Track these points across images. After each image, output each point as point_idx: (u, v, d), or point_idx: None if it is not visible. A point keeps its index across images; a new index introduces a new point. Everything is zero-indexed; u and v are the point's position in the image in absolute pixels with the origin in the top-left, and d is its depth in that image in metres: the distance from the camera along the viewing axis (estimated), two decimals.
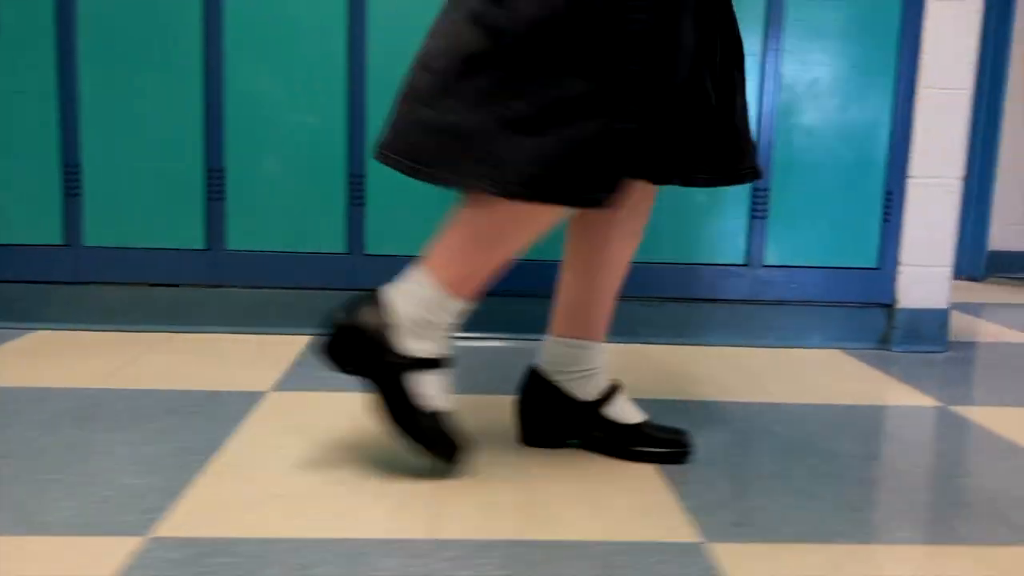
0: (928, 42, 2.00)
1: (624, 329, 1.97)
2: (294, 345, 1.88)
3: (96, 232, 1.95)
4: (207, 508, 1.06)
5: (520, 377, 1.33)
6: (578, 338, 1.28)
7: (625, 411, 1.30)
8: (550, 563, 0.95)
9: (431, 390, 1.16)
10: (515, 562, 0.95)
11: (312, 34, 1.93)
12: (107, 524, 1.00)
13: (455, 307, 1.16)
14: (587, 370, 1.28)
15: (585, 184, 1.06)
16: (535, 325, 1.49)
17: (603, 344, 1.30)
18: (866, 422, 1.51)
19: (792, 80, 2.01)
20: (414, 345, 1.15)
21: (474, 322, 1.57)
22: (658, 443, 1.28)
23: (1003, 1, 3.23)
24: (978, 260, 3.34)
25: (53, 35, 1.90)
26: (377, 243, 1.99)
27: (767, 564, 0.96)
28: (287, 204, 1.97)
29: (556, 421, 1.30)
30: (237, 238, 1.97)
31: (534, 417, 1.32)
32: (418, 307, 1.15)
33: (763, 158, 2.02)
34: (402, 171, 1.10)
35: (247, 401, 1.47)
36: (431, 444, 1.16)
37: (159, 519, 1.01)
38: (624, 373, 1.66)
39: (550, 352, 1.30)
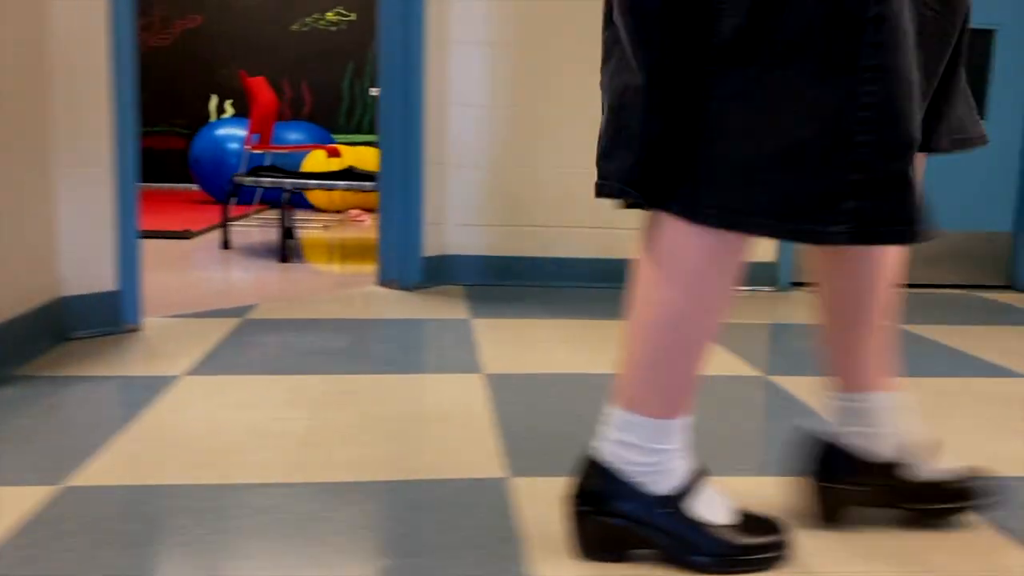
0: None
1: None
2: None
3: None
4: None
5: (805, 450, 1.17)
6: (856, 391, 1.13)
7: (925, 469, 1.15)
8: None
9: (708, 505, 1.02)
10: None
11: None
12: None
13: (680, 427, 1.01)
14: (876, 427, 1.13)
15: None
16: None
17: (889, 393, 1.14)
18: None
19: None
20: (662, 485, 1.00)
21: None
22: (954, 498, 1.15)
23: None
24: (411, 267, 2.90)
25: None
26: None
27: None
28: None
29: (857, 489, 1.14)
30: None
31: (835, 490, 1.14)
32: (642, 451, 1.00)
33: None
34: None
35: None
36: (751, 557, 1.02)
37: None
38: None
39: (834, 413, 1.16)
